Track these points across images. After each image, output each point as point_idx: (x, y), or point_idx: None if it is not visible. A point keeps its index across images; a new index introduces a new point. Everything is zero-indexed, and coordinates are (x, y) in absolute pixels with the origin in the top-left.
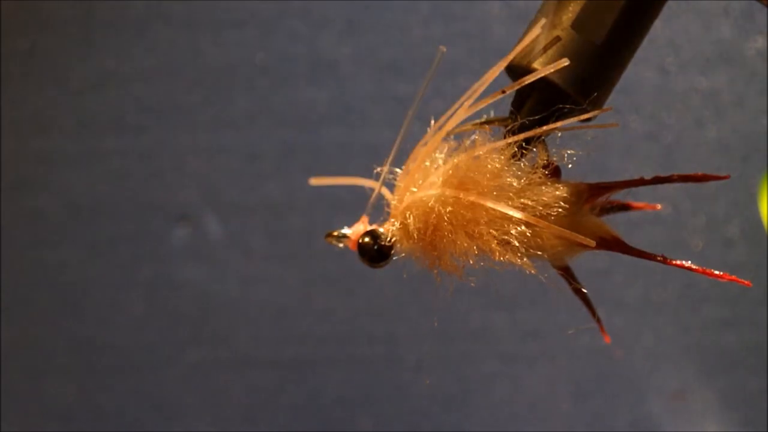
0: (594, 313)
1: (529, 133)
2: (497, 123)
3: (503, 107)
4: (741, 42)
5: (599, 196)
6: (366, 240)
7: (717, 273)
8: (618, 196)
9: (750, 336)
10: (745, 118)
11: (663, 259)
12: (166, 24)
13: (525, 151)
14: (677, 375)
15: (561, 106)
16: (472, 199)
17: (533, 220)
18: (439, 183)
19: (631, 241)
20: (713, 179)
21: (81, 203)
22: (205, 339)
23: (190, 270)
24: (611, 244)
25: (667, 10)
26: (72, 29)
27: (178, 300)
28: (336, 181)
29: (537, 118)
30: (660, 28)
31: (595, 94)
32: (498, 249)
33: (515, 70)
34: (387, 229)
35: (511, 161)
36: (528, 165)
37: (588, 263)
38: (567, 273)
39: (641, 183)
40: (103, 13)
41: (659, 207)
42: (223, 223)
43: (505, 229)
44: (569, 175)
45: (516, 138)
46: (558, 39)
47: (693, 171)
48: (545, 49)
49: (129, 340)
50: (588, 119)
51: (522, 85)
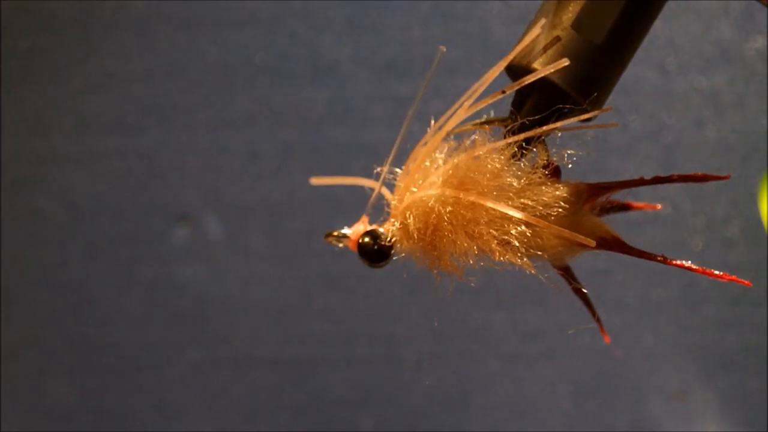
0: (594, 313)
1: (529, 133)
2: (497, 123)
3: (503, 107)
4: (741, 42)
5: (599, 196)
6: (366, 240)
7: (717, 273)
8: (618, 196)
9: (750, 336)
10: (745, 118)
11: (663, 259)
12: (166, 24)
13: (525, 151)
14: (677, 375)
15: (561, 106)
16: (472, 199)
17: (533, 220)
18: (439, 183)
19: (631, 241)
20: (713, 179)
21: (81, 203)
22: (205, 339)
23: (190, 270)
24: (611, 244)
25: (667, 10)
26: (72, 29)
27: (178, 300)
28: (336, 181)
29: (537, 118)
30: (660, 28)
31: (595, 94)
32: (498, 249)
33: (515, 70)
34: (387, 229)
35: (511, 161)
36: (528, 165)
37: (588, 263)
38: (567, 273)
39: (641, 183)
40: (103, 13)
41: (659, 207)
42: (223, 223)
43: (505, 229)
44: (569, 175)
45: (516, 138)
46: (558, 39)
47: (693, 171)
48: (545, 49)
49: (129, 340)
50: (588, 119)
51: (522, 85)
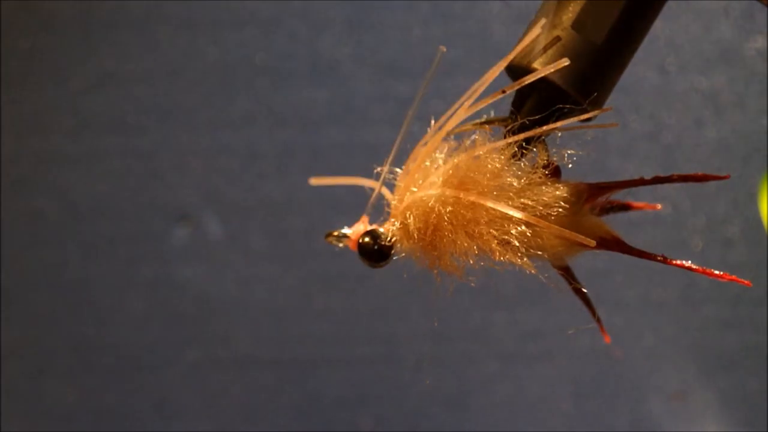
0: (594, 313)
1: (529, 133)
2: (497, 123)
3: (503, 107)
4: (741, 42)
5: (599, 196)
6: (366, 240)
7: (717, 273)
8: (618, 196)
9: (750, 336)
10: (745, 118)
11: (663, 259)
12: (166, 24)
13: (525, 151)
14: (677, 375)
15: (561, 106)
16: (472, 199)
17: (533, 219)
18: (439, 183)
19: (631, 241)
20: (713, 179)
21: (81, 203)
22: (205, 339)
23: (190, 270)
24: (611, 244)
25: (667, 10)
26: (72, 29)
27: (178, 300)
28: (336, 181)
29: (537, 118)
30: (660, 28)
31: (595, 94)
32: (498, 249)
33: (515, 70)
34: (387, 229)
35: (511, 161)
36: (528, 165)
37: (588, 263)
38: (567, 273)
39: (641, 183)
40: (103, 13)
41: (659, 207)
42: (223, 223)
43: (506, 229)
44: (569, 175)
45: (516, 138)
46: (558, 39)
47: (693, 171)
48: (545, 49)
49: (129, 340)
50: (588, 119)
51: (522, 85)
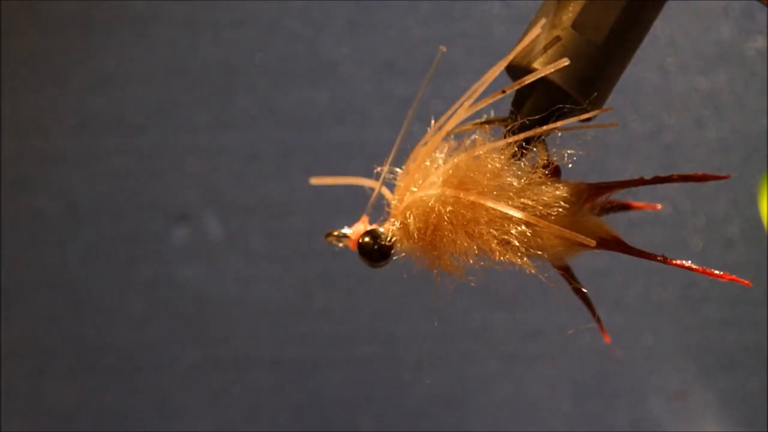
0: (594, 313)
1: (529, 133)
2: (497, 123)
3: (503, 107)
4: (741, 42)
5: (599, 195)
6: (366, 240)
7: (717, 273)
8: (618, 196)
9: (750, 336)
10: (745, 118)
11: (663, 259)
12: (166, 24)
13: (525, 151)
14: (677, 375)
15: (561, 105)
16: (472, 199)
17: (533, 219)
18: (439, 183)
19: (631, 241)
20: (713, 179)
21: (81, 203)
22: (205, 339)
23: (189, 270)
24: (611, 244)
25: (667, 10)
26: (72, 29)
27: (178, 300)
28: (336, 181)
29: (537, 118)
30: (660, 28)
31: (595, 94)
32: (498, 249)
33: (515, 70)
34: (387, 229)
35: (511, 161)
36: (528, 165)
37: (588, 263)
38: (567, 273)
39: (641, 183)
40: (103, 13)
41: (659, 207)
42: (223, 223)
43: (505, 229)
44: (569, 175)
45: (516, 138)
46: (558, 39)
47: (693, 171)
48: (545, 49)
49: (129, 340)
50: (588, 119)
51: (522, 85)
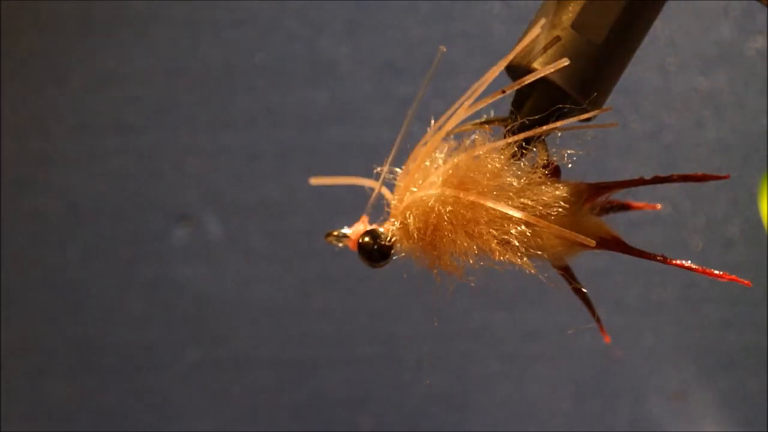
0: (594, 313)
1: (529, 133)
2: (497, 123)
3: (503, 107)
4: (741, 42)
5: (599, 195)
6: (366, 240)
7: (717, 273)
8: (618, 196)
9: (750, 336)
10: (745, 118)
11: (663, 259)
12: (166, 24)
13: (525, 151)
14: (677, 375)
15: (561, 105)
16: (472, 199)
17: (533, 219)
18: (439, 183)
19: (631, 241)
20: (713, 179)
21: (81, 203)
22: (205, 339)
23: (189, 270)
24: (611, 244)
25: (667, 10)
26: (72, 29)
27: (177, 300)
28: (336, 181)
29: (537, 117)
30: (660, 28)
31: (595, 94)
32: (498, 249)
33: (515, 70)
34: (387, 229)
35: (511, 161)
36: (528, 165)
37: (588, 263)
38: (567, 273)
39: (641, 183)
40: (103, 13)
41: (659, 207)
42: (223, 223)
43: (505, 229)
44: (569, 175)
45: (516, 138)
46: (558, 39)
47: (693, 171)
48: (545, 49)
49: (129, 340)
50: (588, 119)
51: (522, 85)
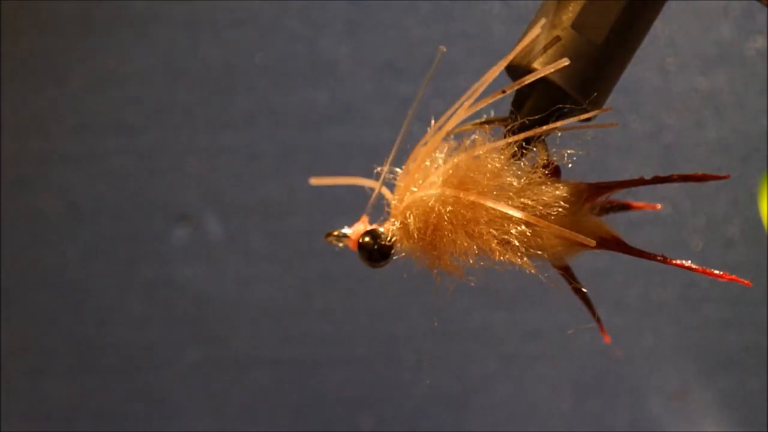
0: (594, 313)
1: (529, 133)
2: (497, 123)
3: (503, 107)
4: (741, 42)
5: (599, 195)
6: (366, 239)
7: (717, 273)
8: (618, 195)
9: (750, 336)
10: (745, 118)
11: (663, 259)
12: (166, 24)
13: (525, 151)
14: (677, 375)
15: (561, 105)
16: (472, 199)
17: (533, 219)
18: (439, 183)
19: (631, 241)
20: (713, 179)
21: (81, 203)
22: (205, 339)
23: (189, 270)
24: (611, 243)
25: (667, 10)
26: (72, 29)
27: (178, 300)
28: (336, 181)
29: (537, 117)
30: (660, 28)
31: (595, 94)
32: (498, 248)
33: (515, 70)
34: (387, 229)
35: (511, 161)
36: (528, 165)
37: (588, 263)
38: (567, 273)
39: (641, 183)
40: (103, 13)
41: (659, 207)
42: (223, 223)
43: (505, 229)
44: (569, 175)
45: (516, 138)
46: (558, 39)
47: (693, 171)
48: (545, 49)
49: (129, 340)
50: (588, 119)
51: (522, 85)
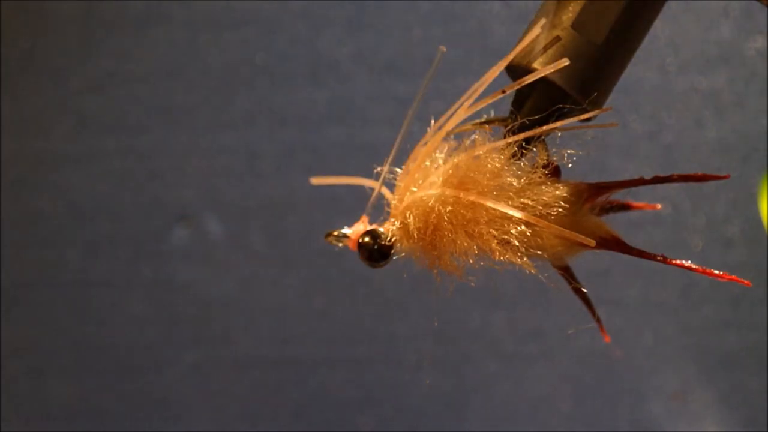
0: (594, 313)
1: (529, 133)
2: (497, 123)
3: (503, 107)
4: (741, 42)
5: (599, 195)
6: (366, 240)
7: (717, 273)
8: (618, 196)
9: (750, 336)
10: (745, 118)
11: (663, 259)
12: (166, 24)
13: (525, 151)
14: (677, 375)
15: (561, 105)
16: (472, 199)
17: (533, 219)
18: (439, 183)
19: (631, 241)
20: (713, 179)
21: (81, 203)
22: (205, 339)
23: (190, 270)
24: (611, 244)
25: (667, 10)
26: (72, 29)
27: (178, 300)
28: (336, 181)
29: (537, 117)
30: (660, 28)
31: (595, 93)
32: (498, 249)
33: (515, 70)
34: (387, 229)
35: (511, 161)
36: (528, 165)
37: (588, 263)
38: (567, 273)
39: (641, 183)
40: (103, 13)
41: (659, 207)
42: (223, 223)
43: (505, 229)
44: (569, 175)
45: (516, 138)
46: (558, 39)
47: (693, 171)
48: (545, 49)
49: (129, 340)
50: (588, 119)
51: (522, 85)
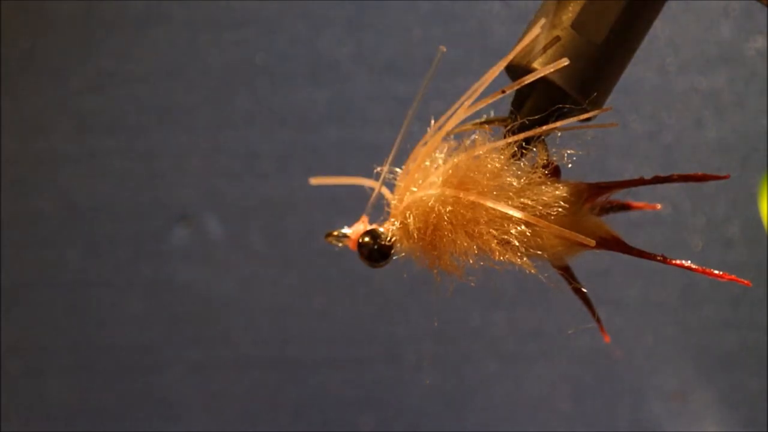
0: (594, 313)
1: (529, 133)
2: (497, 123)
3: (503, 107)
4: (741, 42)
5: (599, 195)
6: (366, 239)
7: (717, 273)
8: (618, 196)
9: (750, 336)
10: (745, 118)
11: (663, 259)
12: (166, 24)
13: (525, 151)
14: (677, 375)
15: (561, 105)
16: (472, 199)
17: (533, 219)
18: (439, 183)
19: (631, 241)
20: (713, 179)
21: (81, 203)
22: (205, 339)
23: (190, 270)
24: (611, 243)
25: (667, 10)
26: (72, 29)
27: (178, 300)
28: (336, 181)
29: (537, 117)
30: (660, 28)
31: (595, 93)
32: (498, 249)
33: (515, 69)
34: (387, 229)
35: (511, 161)
36: (528, 165)
37: (588, 263)
38: (567, 273)
39: (641, 183)
40: (103, 13)
41: (659, 207)
42: (223, 223)
43: (505, 229)
44: (569, 175)
45: (516, 138)
46: (558, 39)
47: (693, 171)
48: (545, 49)
49: (129, 340)
50: (588, 119)
51: (522, 85)
